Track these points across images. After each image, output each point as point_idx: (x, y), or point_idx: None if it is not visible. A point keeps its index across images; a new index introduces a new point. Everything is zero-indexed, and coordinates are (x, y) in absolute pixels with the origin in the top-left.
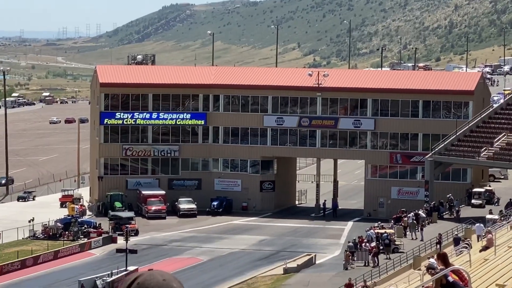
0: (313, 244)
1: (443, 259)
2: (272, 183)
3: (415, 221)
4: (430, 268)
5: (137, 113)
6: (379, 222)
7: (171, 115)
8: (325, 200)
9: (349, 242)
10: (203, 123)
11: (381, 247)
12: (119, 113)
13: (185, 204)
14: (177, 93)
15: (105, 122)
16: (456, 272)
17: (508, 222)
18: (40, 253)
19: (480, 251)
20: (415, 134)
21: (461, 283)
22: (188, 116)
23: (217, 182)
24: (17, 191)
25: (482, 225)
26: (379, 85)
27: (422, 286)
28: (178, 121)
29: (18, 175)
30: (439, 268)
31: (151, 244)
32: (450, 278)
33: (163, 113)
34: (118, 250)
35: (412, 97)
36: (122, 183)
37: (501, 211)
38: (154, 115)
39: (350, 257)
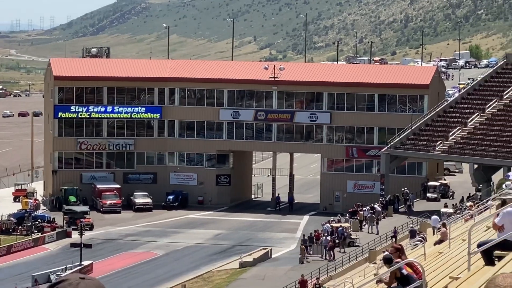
0: (269, 238)
1: (398, 252)
2: (228, 177)
3: (373, 215)
4: (386, 260)
5: (92, 107)
6: (339, 216)
7: (126, 108)
8: (278, 194)
9: (303, 236)
10: (158, 116)
11: (337, 241)
12: (74, 107)
13: (140, 198)
14: (132, 87)
15: (59, 116)
16: (411, 265)
17: (462, 216)
18: None
19: (435, 244)
20: (371, 128)
21: (415, 276)
22: (143, 109)
23: (173, 176)
24: None
25: (437, 217)
26: (335, 79)
27: (377, 279)
28: (133, 115)
29: None
30: (394, 261)
31: (106, 238)
32: (404, 271)
33: (118, 107)
34: (73, 245)
35: (368, 91)
36: (76, 177)
37: (455, 204)
38: (109, 109)
39: (305, 251)
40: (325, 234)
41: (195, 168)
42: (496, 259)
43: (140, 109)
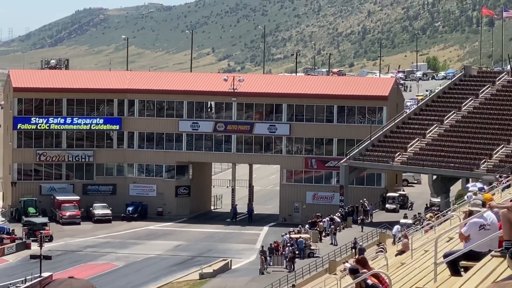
0: (228, 249)
1: (362, 263)
2: (188, 188)
3: (333, 226)
4: (351, 271)
5: (51, 118)
6: (299, 227)
7: (86, 120)
8: (235, 205)
9: (262, 246)
10: (118, 128)
11: (297, 252)
12: (33, 118)
13: (99, 210)
14: (92, 98)
15: (18, 127)
16: (377, 276)
17: (422, 227)
18: None
19: (396, 255)
20: (330, 139)
21: (380, 286)
22: (103, 121)
23: (132, 187)
24: None
25: (399, 227)
26: (294, 90)
27: None
28: (93, 126)
29: None
30: (360, 271)
31: (65, 250)
32: (369, 281)
33: (77, 118)
34: (32, 256)
35: (327, 102)
36: (36, 189)
37: (415, 215)
38: (68, 120)
39: (265, 262)
40: (288, 244)
41: (155, 179)
42: (462, 270)
43: (99, 121)
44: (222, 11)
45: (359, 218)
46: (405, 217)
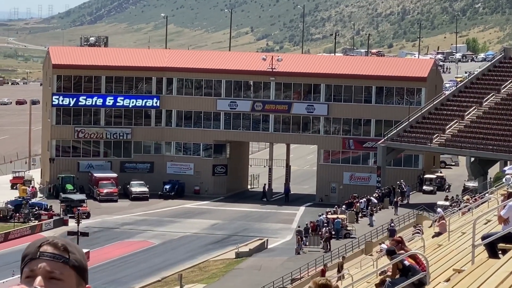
0: (265, 228)
1: (398, 244)
2: (225, 167)
3: (370, 207)
4: (389, 252)
5: (90, 95)
6: (335, 207)
7: (124, 97)
8: (264, 184)
9: (298, 226)
10: (156, 106)
11: (333, 232)
12: (72, 95)
13: (137, 187)
14: (130, 76)
15: (57, 104)
16: (414, 257)
17: (459, 209)
18: None
19: (433, 237)
20: (368, 120)
21: (417, 267)
22: (141, 99)
23: (170, 166)
24: None
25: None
26: (333, 71)
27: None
28: (131, 104)
29: None
30: (397, 253)
31: (102, 227)
32: (406, 263)
33: (115, 96)
34: (69, 233)
35: (365, 83)
36: (73, 166)
37: (452, 197)
38: (107, 98)
39: (301, 241)
40: (325, 224)
41: (192, 158)
42: (500, 252)
43: (138, 99)
44: None
45: (394, 200)
46: (446, 199)
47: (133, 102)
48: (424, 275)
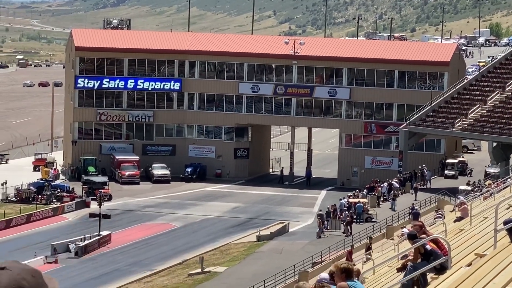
0: (286, 212)
1: (420, 228)
2: (246, 151)
3: (392, 192)
4: (410, 236)
5: (112, 78)
6: (357, 191)
7: (146, 80)
8: (282, 167)
9: (319, 210)
10: (178, 89)
11: (354, 216)
12: (94, 78)
13: (159, 170)
14: (153, 59)
15: (79, 86)
16: (435, 241)
17: (481, 194)
18: (13, 216)
19: (455, 221)
20: (390, 104)
21: (439, 251)
22: (163, 82)
23: (191, 149)
24: None
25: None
26: (355, 55)
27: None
28: (153, 87)
29: None
30: (419, 237)
31: (124, 209)
32: (428, 247)
33: (138, 79)
34: (91, 215)
35: (388, 67)
36: (96, 148)
37: (474, 182)
38: (129, 80)
39: (322, 225)
40: (345, 208)
41: (214, 141)
42: None
43: (160, 81)
44: None
45: (414, 185)
46: (468, 184)
47: (155, 85)
48: (445, 259)
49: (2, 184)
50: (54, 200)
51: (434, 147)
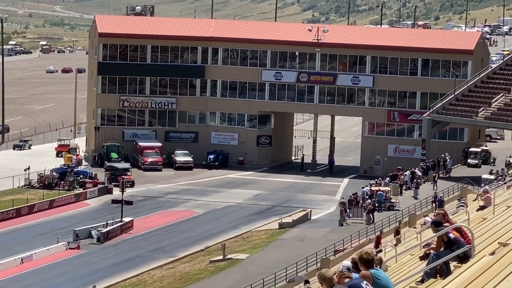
0: (308, 199)
1: (443, 217)
2: (269, 138)
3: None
4: (435, 223)
5: (135, 64)
6: (379, 179)
7: (169, 67)
8: (303, 155)
9: (341, 198)
10: (201, 75)
11: (376, 205)
12: (117, 64)
13: (181, 157)
14: (176, 45)
15: (103, 72)
16: (458, 229)
17: (504, 183)
18: (35, 202)
19: (477, 210)
20: (413, 93)
21: (462, 240)
22: (186, 68)
23: (214, 136)
24: (13, 139)
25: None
26: (379, 42)
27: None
28: (176, 73)
29: (14, 123)
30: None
31: (146, 196)
32: (451, 235)
33: (161, 65)
34: (114, 201)
35: (411, 55)
36: (118, 134)
37: (497, 171)
38: (152, 67)
39: (345, 213)
40: (367, 196)
41: (236, 128)
42: None
43: (183, 68)
44: None
45: (433, 175)
46: (491, 173)
47: (178, 72)
48: (469, 248)
49: (25, 170)
50: (76, 186)
51: (457, 136)
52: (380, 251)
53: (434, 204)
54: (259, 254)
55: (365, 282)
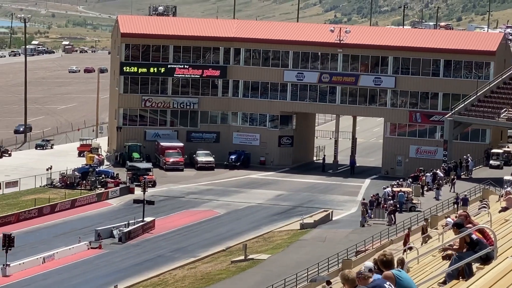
0: (330, 200)
1: (465, 218)
2: (291, 138)
3: (439, 181)
4: (457, 225)
5: (158, 64)
6: (401, 180)
7: (191, 67)
8: (324, 155)
9: (363, 199)
10: (223, 76)
11: (398, 205)
12: (140, 64)
13: (203, 157)
14: (198, 45)
15: (125, 72)
16: (481, 231)
17: None
18: (57, 201)
19: (500, 211)
20: (435, 93)
21: (485, 241)
22: (208, 68)
23: (236, 136)
24: (35, 139)
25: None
26: (401, 43)
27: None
28: (198, 74)
29: (37, 123)
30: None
31: (168, 195)
32: (474, 236)
33: (183, 65)
34: (135, 201)
35: (433, 56)
36: (140, 134)
37: None
38: (174, 67)
39: (366, 214)
40: (389, 197)
41: (258, 128)
42: None
43: (205, 68)
44: None
45: (462, 174)
46: None
47: (200, 72)
48: (491, 249)
49: (47, 170)
50: (98, 186)
51: (479, 137)
52: (411, 248)
53: (456, 205)
54: (281, 255)
55: (388, 282)
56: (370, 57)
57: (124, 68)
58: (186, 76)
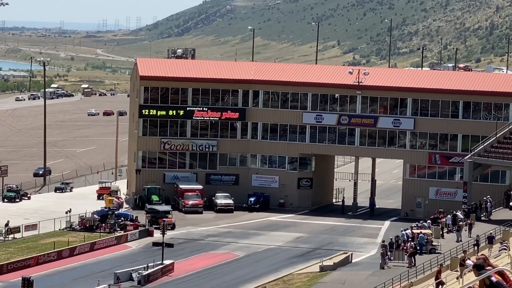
0: (349, 242)
1: (484, 261)
2: (310, 180)
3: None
4: (477, 267)
5: (176, 107)
6: (421, 222)
7: (210, 109)
8: (343, 197)
9: (383, 241)
10: (242, 118)
11: (418, 248)
12: (159, 107)
13: (222, 199)
14: (217, 88)
15: (144, 115)
16: (501, 273)
17: None
18: (77, 244)
19: None
20: (455, 135)
21: (505, 284)
22: (227, 111)
23: (255, 178)
24: (55, 182)
25: None
26: (420, 85)
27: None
28: (217, 116)
29: (56, 166)
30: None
31: (187, 238)
32: (493, 279)
33: (202, 108)
34: (155, 244)
35: (452, 97)
36: (159, 177)
37: None
38: (193, 109)
39: (386, 256)
40: (410, 239)
41: (277, 170)
42: None
43: (224, 111)
44: (348, 4)
45: (482, 215)
46: None
47: (219, 114)
48: None
49: (66, 212)
50: (117, 229)
51: (499, 178)
52: (443, 283)
53: (476, 247)
54: None
55: None
56: (389, 99)
57: (143, 111)
58: (205, 118)
